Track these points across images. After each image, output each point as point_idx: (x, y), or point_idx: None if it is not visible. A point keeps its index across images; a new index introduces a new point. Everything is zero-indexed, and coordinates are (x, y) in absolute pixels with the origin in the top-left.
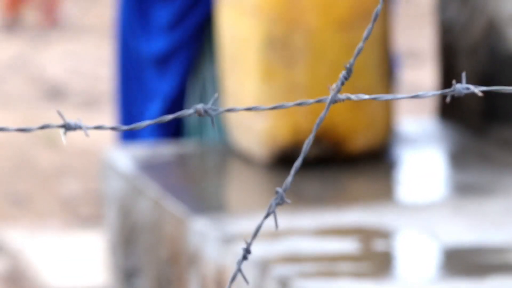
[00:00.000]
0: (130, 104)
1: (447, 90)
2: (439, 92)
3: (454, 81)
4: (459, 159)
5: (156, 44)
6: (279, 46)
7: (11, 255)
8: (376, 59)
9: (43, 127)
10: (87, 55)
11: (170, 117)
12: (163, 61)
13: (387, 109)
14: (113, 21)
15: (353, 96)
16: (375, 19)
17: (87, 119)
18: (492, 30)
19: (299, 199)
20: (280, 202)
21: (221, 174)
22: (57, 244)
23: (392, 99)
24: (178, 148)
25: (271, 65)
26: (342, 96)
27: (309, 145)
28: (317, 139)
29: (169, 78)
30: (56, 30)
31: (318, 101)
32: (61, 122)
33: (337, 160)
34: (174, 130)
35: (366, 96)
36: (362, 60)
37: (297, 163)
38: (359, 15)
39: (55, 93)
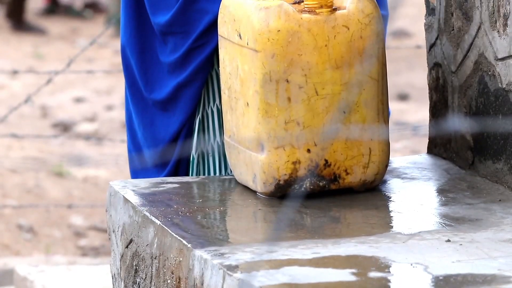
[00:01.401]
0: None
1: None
2: (432, 127)
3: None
4: (450, 192)
5: (160, 87)
6: (278, 83)
7: (20, 286)
8: (373, 94)
9: None
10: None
11: (173, 155)
12: (167, 101)
13: (383, 144)
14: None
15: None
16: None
17: (96, 152)
18: (482, 67)
19: (297, 229)
20: (280, 232)
21: (222, 205)
22: (65, 274)
23: (387, 134)
24: (182, 180)
25: (270, 101)
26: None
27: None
28: (315, 173)
29: (173, 117)
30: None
31: None
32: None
33: (334, 193)
34: (177, 165)
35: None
36: (359, 95)
37: (296, 195)
38: (356, 53)
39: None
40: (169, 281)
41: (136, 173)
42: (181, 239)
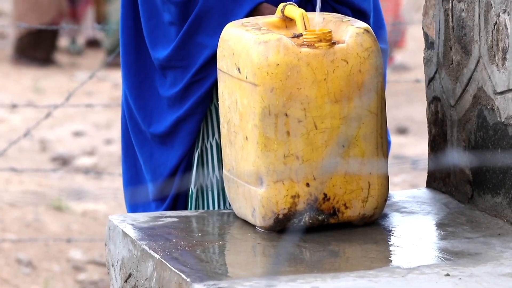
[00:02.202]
0: (136, 172)
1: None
2: (431, 161)
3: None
4: (449, 226)
5: (159, 121)
6: (277, 117)
7: None
8: (372, 128)
9: None
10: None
11: (172, 189)
12: (166, 135)
13: (382, 177)
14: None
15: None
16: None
17: (95, 186)
18: (481, 101)
19: (296, 263)
20: (279, 267)
21: (221, 239)
22: None
23: (386, 168)
24: (181, 214)
25: (269, 135)
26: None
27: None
28: (314, 207)
29: (172, 151)
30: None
31: None
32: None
33: (333, 227)
34: (176, 199)
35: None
36: (358, 129)
37: (295, 229)
38: (355, 87)
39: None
40: None
41: (132, 208)
42: (180, 273)
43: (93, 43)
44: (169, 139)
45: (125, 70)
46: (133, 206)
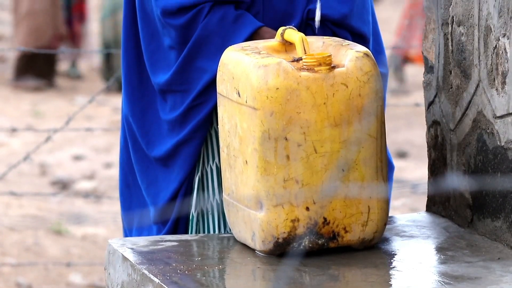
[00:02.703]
0: (136, 195)
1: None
2: (431, 184)
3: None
4: (449, 250)
5: (160, 145)
6: (277, 141)
7: None
8: (372, 152)
9: None
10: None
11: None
12: (167, 158)
13: (382, 201)
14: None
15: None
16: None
17: (94, 210)
18: (480, 125)
19: (297, 287)
20: None
21: (221, 263)
22: None
23: (386, 192)
24: (181, 238)
25: (269, 159)
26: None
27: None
28: (314, 231)
29: (173, 174)
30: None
31: None
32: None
33: (333, 251)
34: (176, 223)
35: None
36: (358, 153)
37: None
38: (355, 111)
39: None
40: None
41: (131, 232)
42: None
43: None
44: (170, 162)
45: (128, 95)
46: (131, 230)
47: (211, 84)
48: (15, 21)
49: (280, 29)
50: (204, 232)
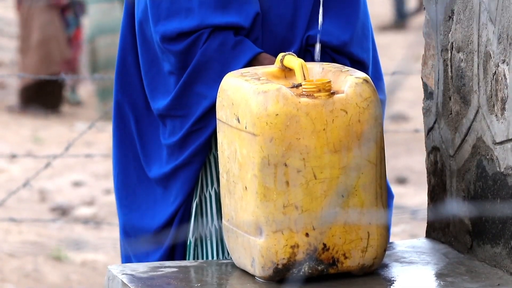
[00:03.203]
0: (135, 220)
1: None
2: (430, 211)
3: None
4: (449, 276)
5: (159, 168)
6: (277, 166)
7: None
8: (371, 178)
9: None
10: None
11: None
12: (166, 180)
13: (381, 228)
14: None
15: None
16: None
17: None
18: (480, 151)
19: None
20: None
21: None
22: None
23: (386, 218)
24: (180, 264)
25: (269, 185)
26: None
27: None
28: (314, 257)
29: (170, 198)
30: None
31: None
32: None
33: (333, 277)
34: (173, 248)
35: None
36: (357, 179)
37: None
38: (354, 137)
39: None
40: None
41: (128, 258)
42: None
43: None
44: (168, 185)
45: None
46: (129, 256)
47: (210, 110)
48: (24, 48)
49: (280, 55)
50: (202, 258)
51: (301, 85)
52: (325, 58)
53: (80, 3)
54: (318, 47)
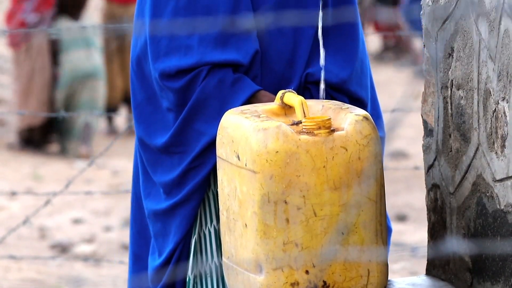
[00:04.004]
0: (139, 257)
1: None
2: (430, 248)
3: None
4: None
5: (158, 204)
6: (277, 204)
7: None
8: (371, 216)
9: None
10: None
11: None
12: (163, 216)
13: (381, 265)
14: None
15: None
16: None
17: (94, 274)
18: (480, 189)
19: None
20: None
21: None
22: None
23: (386, 255)
24: None
25: (269, 222)
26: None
27: None
28: None
29: (169, 235)
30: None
31: None
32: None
33: None
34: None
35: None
36: (357, 216)
37: None
38: (354, 175)
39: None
40: None
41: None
42: None
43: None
44: (167, 222)
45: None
46: None
47: (209, 147)
48: (23, 89)
49: (280, 92)
50: None
51: (301, 123)
52: (324, 95)
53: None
54: (322, 85)
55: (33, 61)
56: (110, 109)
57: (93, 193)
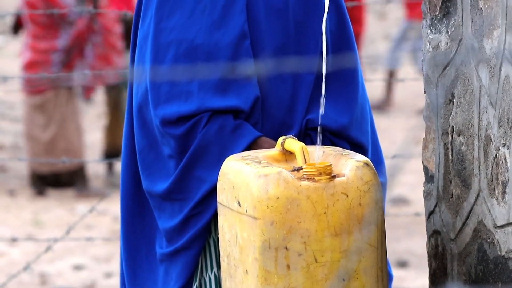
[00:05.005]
0: None
1: None
2: None
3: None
4: None
5: (159, 248)
6: (277, 250)
7: None
8: (372, 262)
9: None
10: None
11: None
12: (165, 261)
13: None
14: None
15: None
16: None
17: None
18: (481, 235)
19: None
20: None
21: None
22: None
23: None
24: None
25: (269, 268)
26: None
27: None
28: None
29: (170, 282)
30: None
31: None
32: None
33: None
34: None
35: None
36: (358, 262)
37: None
38: (355, 221)
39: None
40: None
41: None
42: None
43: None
44: (168, 268)
45: (123, 204)
46: None
47: (210, 194)
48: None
49: (281, 139)
50: None
51: (302, 169)
52: (324, 141)
53: (89, 87)
54: (320, 131)
55: (64, 107)
56: (112, 155)
57: (94, 239)
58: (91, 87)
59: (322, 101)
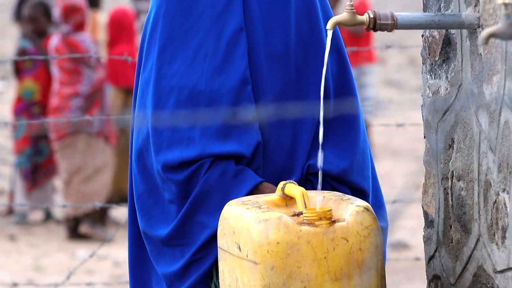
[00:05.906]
0: None
1: None
2: None
3: None
4: None
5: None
6: None
7: None
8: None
9: None
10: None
11: None
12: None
13: None
14: None
15: None
16: None
17: None
18: (481, 280)
19: None
20: None
21: None
22: None
23: None
24: None
25: None
26: None
27: None
28: None
29: None
30: None
31: None
32: None
33: None
34: None
35: None
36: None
37: None
38: (355, 265)
39: None
40: None
41: None
42: None
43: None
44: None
45: (129, 247)
46: None
47: (212, 239)
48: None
49: (281, 184)
50: None
51: (302, 214)
52: (325, 186)
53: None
54: (320, 176)
55: (81, 152)
56: (113, 201)
57: (95, 284)
58: (113, 132)
59: (320, 142)
